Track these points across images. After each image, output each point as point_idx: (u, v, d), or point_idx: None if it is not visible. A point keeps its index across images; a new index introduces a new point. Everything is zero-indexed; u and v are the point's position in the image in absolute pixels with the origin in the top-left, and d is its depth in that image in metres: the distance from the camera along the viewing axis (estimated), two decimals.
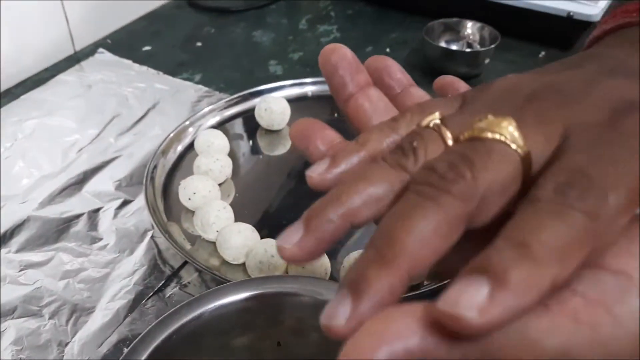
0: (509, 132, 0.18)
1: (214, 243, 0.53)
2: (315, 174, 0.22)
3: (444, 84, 0.28)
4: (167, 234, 0.52)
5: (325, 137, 0.24)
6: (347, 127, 0.26)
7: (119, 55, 0.83)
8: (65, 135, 0.68)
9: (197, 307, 0.37)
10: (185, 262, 0.52)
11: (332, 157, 0.22)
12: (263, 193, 0.61)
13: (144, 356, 0.35)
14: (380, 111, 0.25)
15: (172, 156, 0.64)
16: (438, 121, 0.21)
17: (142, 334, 0.36)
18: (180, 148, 0.65)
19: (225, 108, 0.70)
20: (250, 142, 0.68)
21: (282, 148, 0.67)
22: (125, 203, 0.58)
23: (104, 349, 0.45)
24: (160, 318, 0.36)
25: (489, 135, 0.19)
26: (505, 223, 0.17)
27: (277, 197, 0.60)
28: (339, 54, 0.26)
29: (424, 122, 0.21)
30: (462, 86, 0.28)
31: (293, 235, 0.20)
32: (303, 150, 0.24)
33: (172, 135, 0.64)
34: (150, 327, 0.36)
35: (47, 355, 0.45)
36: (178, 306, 0.37)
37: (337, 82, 0.26)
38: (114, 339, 0.46)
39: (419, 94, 0.27)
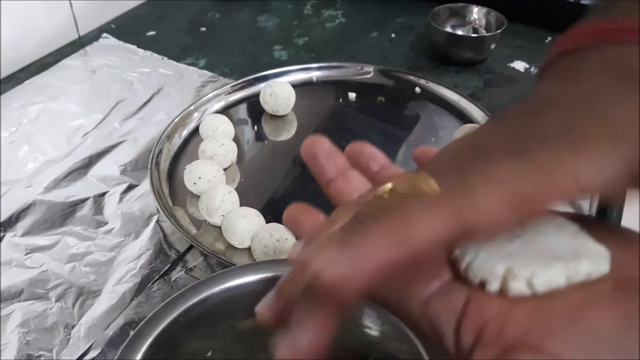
0: (425, 183, 0.21)
1: (219, 227, 0.53)
2: (293, 254, 0.24)
3: (420, 153, 0.30)
4: (173, 218, 0.52)
5: (311, 220, 0.27)
6: (350, 111, 0.27)
7: (123, 40, 0.83)
8: (69, 120, 0.67)
9: (203, 290, 0.37)
10: (191, 246, 0.52)
11: (306, 239, 0.25)
12: (268, 178, 0.61)
13: (151, 339, 0.35)
14: (357, 190, 0.27)
15: (177, 141, 0.64)
16: (388, 189, 0.23)
17: (148, 316, 0.36)
18: (185, 133, 0.65)
19: (230, 93, 0.70)
20: (255, 127, 0.68)
21: (287, 133, 0.67)
22: (131, 187, 0.59)
23: (110, 331, 0.45)
24: (166, 301, 0.36)
25: (408, 190, 0.21)
26: None
27: (282, 182, 0.60)
28: (318, 145, 0.29)
29: (378, 192, 0.23)
30: None
31: (267, 302, 0.23)
32: (294, 233, 0.28)
33: (177, 120, 0.64)
34: (156, 310, 0.36)
35: (53, 338, 0.45)
36: (184, 289, 0.37)
37: (317, 170, 0.29)
38: (120, 321, 0.46)
39: (394, 171, 0.29)
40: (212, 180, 0.56)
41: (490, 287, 0.20)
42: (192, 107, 0.66)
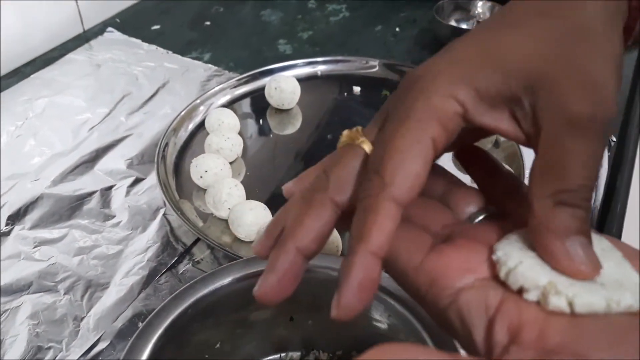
0: (357, 137, 0.25)
1: (225, 220, 0.53)
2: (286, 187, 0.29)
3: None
4: (179, 212, 0.53)
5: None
6: (355, 105, 0.27)
7: (127, 34, 0.83)
8: (75, 114, 0.68)
9: (212, 282, 0.38)
10: (198, 239, 0.52)
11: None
12: (273, 172, 0.62)
13: (160, 330, 0.35)
14: None
15: (183, 134, 0.64)
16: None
17: (158, 308, 0.36)
18: (191, 126, 0.65)
19: (235, 87, 0.70)
20: (260, 121, 0.68)
21: (292, 127, 0.67)
22: (137, 181, 0.59)
23: (119, 323, 0.46)
24: (175, 293, 0.37)
25: (345, 143, 0.26)
26: None
27: (287, 175, 0.60)
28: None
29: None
30: None
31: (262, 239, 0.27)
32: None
33: (183, 113, 0.64)
34: (165, 301, 0.37)
35: (63, 330, 0.45)
36: (193, 281, 0.38)
37: None
38: (128, 313, 0.46)
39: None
40: (219, 173, 0.56)
41: (529, 296, 0.20)
42: (197, 101, 0.66)
